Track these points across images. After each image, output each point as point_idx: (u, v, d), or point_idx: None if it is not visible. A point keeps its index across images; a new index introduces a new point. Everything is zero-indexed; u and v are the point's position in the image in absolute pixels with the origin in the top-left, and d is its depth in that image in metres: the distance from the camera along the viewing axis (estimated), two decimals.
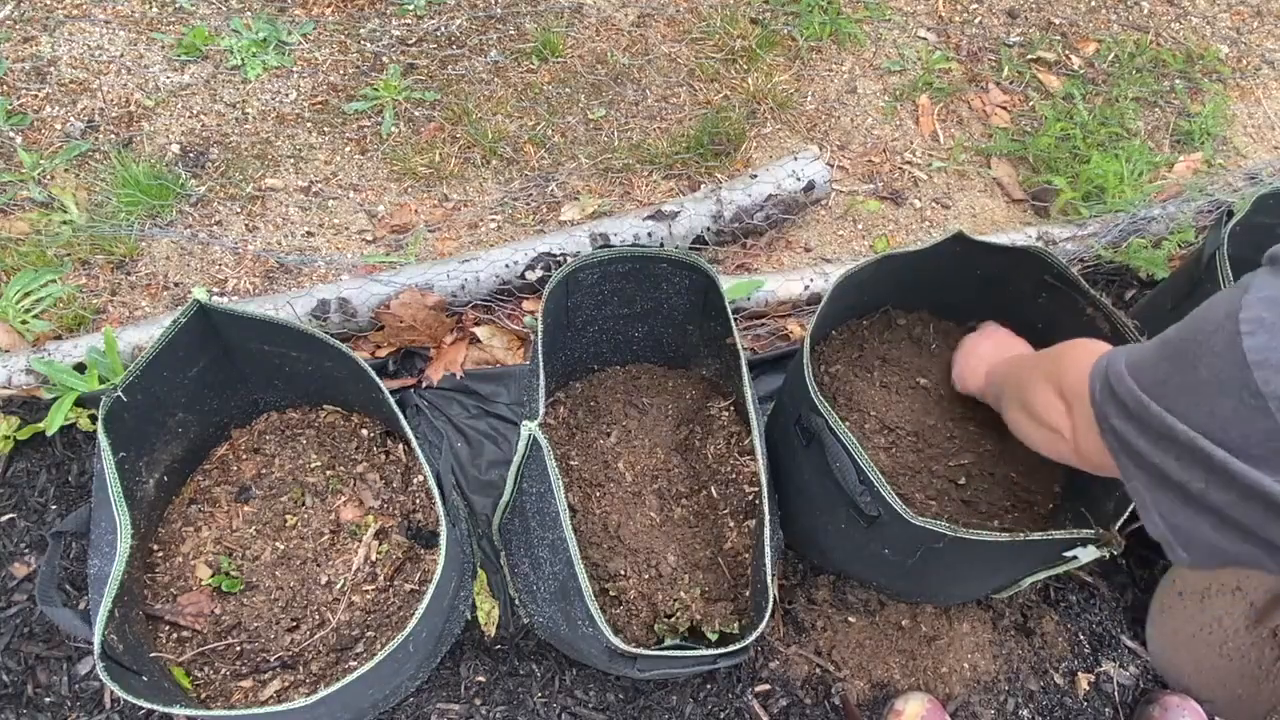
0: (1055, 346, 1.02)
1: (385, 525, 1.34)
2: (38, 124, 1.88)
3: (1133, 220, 1.77)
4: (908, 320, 1.50)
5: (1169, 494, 0.69)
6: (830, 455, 1.11)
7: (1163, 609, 1.40)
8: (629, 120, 2.01)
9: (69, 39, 2.01)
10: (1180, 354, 0.69)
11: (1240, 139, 2.14)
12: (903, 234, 1.89)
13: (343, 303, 1.54)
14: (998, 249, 1.31)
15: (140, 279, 1.68)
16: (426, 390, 1.56)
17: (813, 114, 2.06)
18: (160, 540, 1.31)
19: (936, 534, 1.04)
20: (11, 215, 1.74)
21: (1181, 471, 0.67)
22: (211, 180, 1.83)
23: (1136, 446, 0.71)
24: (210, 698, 1.19)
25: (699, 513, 1.37)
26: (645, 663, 1.06)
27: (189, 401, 1.29)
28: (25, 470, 1.46)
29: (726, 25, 2.17)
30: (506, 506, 1.26)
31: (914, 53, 2.20)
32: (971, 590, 1.37)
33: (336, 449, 1.41)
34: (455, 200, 1.86)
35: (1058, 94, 2.15)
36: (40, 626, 1.33)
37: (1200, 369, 0.65)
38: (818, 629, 1.39)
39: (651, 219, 1.67)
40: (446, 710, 1.30)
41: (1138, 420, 0.71)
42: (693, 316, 1.40)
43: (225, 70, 2.00)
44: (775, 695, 1.34)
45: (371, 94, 1.97)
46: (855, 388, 1.40)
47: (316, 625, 1.25)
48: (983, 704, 1.35)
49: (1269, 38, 2.38)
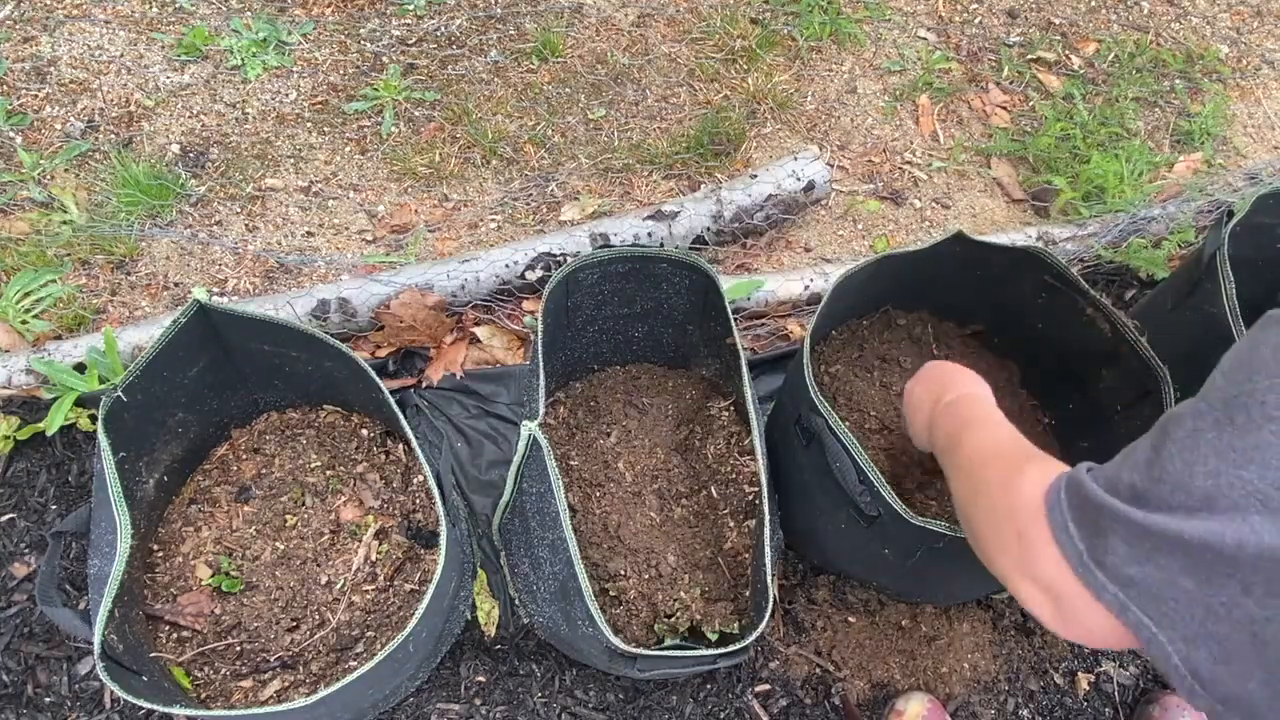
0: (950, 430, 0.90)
1: (385, 525, 1.34)
2: (38, 124, 1.88)
3: (1133, 220, 1.77)
4: (908, 320, 1.50)
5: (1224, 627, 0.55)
6: (830, 455, 1.10)
7: None
8: (629, 120, 2.01)
9: (69, 39, 2.01)
10: (1196, 435, 0.57)
11: (1240, 139, 2.14)
12: (903, 234, 1.89)
13: (343, 303, 1.54)
14: (998, 249, 1.31)
15: (140, 279, 1.68)
16: (426, 390, 1.56)
17: (813, 114, 2.06)
18: (160, 540, 1.31)
19: (936, 534, 1.04)
20: (11, 215, 1.74)
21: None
22: (211, 180, 1.83)
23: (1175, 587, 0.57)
24: (210, 698, 1.19)
25: (699, 513, 1.37)
26: (645, 663, 1.06)
27: (189, 401, 1.29)
28: (25, 470, 1.46)
29: (726, 25, 2.17)
30: (506, 506, 1.26)
31: (914, 53, 2.20)
32: (971, 590, 1.37)
33: (336, 449, 1.41)
34: (455, 200, 1.86)
35: (1058, 94, 2.15)
36: (40, 626, 1.33)
37: (1264, 431, 0.54)
38: (818, 629, 1.39)
39: (651, 219, 1.67)
40: (446, 710, 1.30)
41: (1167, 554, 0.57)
42: (693, 316, 1.40)
43: (225, 70, 2.00)
44: (775, 695, 1.34)
45: (371, 94, 1.97)
46: (855, 388, 1.40)
47: (316, 625, 1.25)
48: (983, 704, 1.35)
49: (1269, 38, 2.38)
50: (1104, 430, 1.33)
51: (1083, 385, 1.36)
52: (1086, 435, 1.37)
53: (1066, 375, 1.39)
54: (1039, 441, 1.42)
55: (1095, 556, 0.61)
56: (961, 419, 0.96)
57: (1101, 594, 0.60)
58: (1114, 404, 1.30)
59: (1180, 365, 1.20)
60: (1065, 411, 1.43)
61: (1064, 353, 1.37)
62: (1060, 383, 1.41)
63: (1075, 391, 1.38)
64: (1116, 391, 1.29)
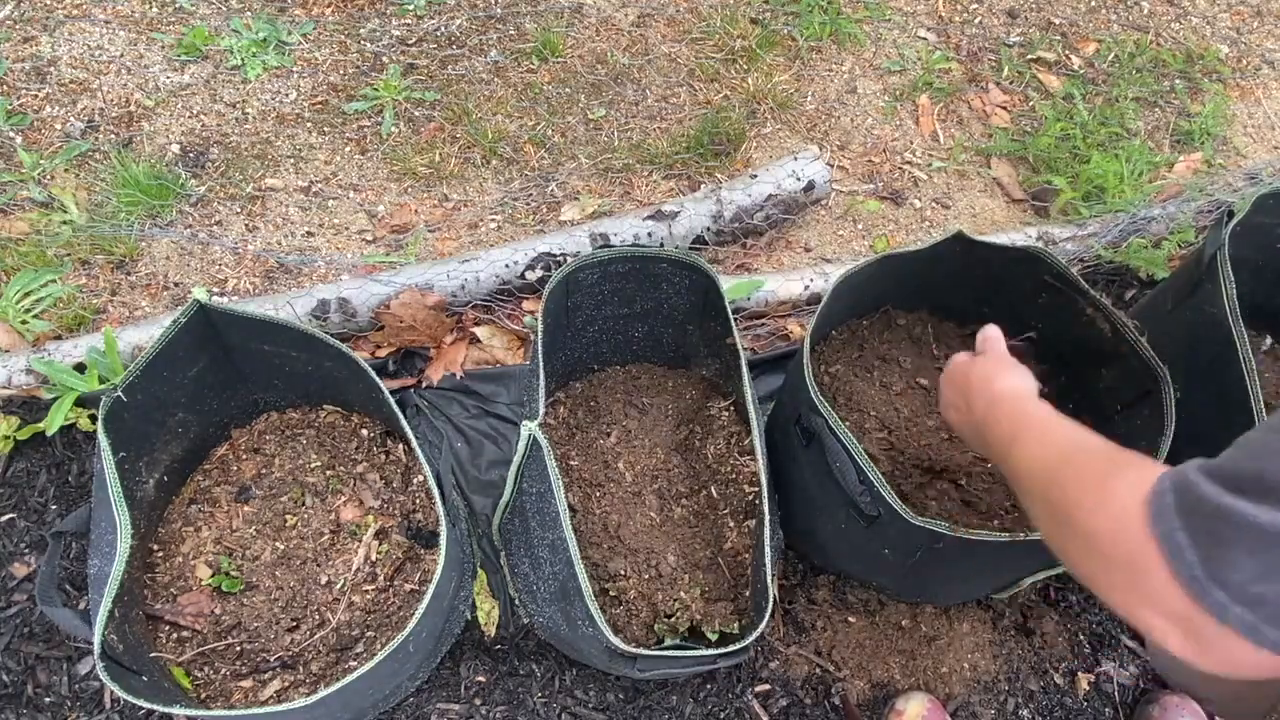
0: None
1: (385, 525, 1.34)
2: (38, 124, 1.88)
3: (1133, 220, 1.77)
4: (908, 320, 1.50)
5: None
6: (830, 455, 1.10)
7: None
8: (629, 120, 2.01)
9: (69, 39, 2.01)
10: None
11: (1240, 139, 2.14)
12: (903, 234, 1.89)
13: (343, 303, 1.54)
14: (998, 249, 1.31)
15: (140, 279, 1.68)
16: (426, 390, 1.56)
17: (813, 114, 2.06)
18: (160, 540, 1.31)
19: (936, 534, 1.04)
20: (11, 215, 1.74)
21: None
22: (211, 180, 1.83)
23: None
24: (210, 698, 1.19)
25: (699, 513, 1.37)
26: (645, 663, 1.06)
27: (189, 401, 1.29)
28: (25, 470, 1.46)
29: (726, 25, 2.17)
30: (506, 506, 1.26)
31: (914, 53, 2.20)
32: (971, 590, 1.37)
33: (336, 449, 1.41)
34: (455, 200, 1.86)
35: (1058, 94, 2.15)
36: (40, 626, 1.33)
37: None
38: (818, 629, 1.39)
39: (651, 219, 1.67)
40: (446, 710, 1.30)
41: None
42: (693, 316, 1.40)
43: (225, 70, 2.00)
44: (775, 695, 1.34)
45: (371, 94, 1.97)
46: (855, 388, 1.40)
47: (316, 625, 1.25)
48: (983, 704, 1.35)
49: (1269, 38, 2.38)
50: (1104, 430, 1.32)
51: (1083, 385, 1.36)
52: None
53: (1066, 375, 1.39)
54: None
55: (1214, 573, 0.52)
56: (1009, 427, 0.84)
57: (1225, 616, 0.52)
58: (1114, 404, 1.30)
59: (1180, 365, 1.20)
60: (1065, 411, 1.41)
61: (1064, 353, 1.37)
62: (1060, 383, 1.41)
63: (1075, 391, 1.38)
64: (1116, 391, 1.29)
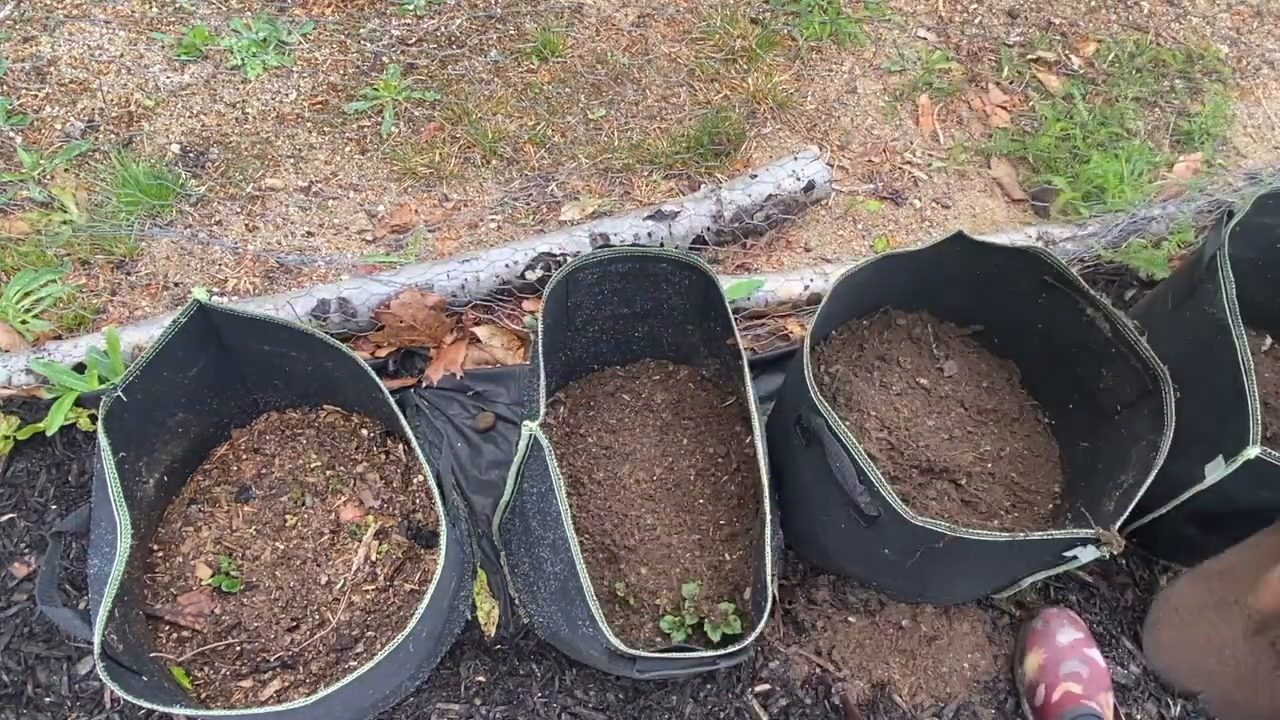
0: None
1: (385, 525, 1.34)
2: (38, 124, 1.88)
3: (1133, 220, 1.77)
4: (908, 320, 1.50)
5: None
6: (830, 455, 1.11)
7: (1158, 620, 1.40)
8: (629, 120, 2.01)
9: (69, 39, 2.01)
10: None
11: (1240, 139, 2.14)
12: (903, 234, 1.89)
13: (343, 303, 1.54)
14: (997, 249, 1.31)
15: (140, 279, 1.68)
16: (426, 390, 1.56)
17: (813, 114, 2.06)
18: (160, 540, 1.31)
19: (936, 534, 1.04)
20: (11, 215, 1.74)
21: None
22: (211, 180, 1.83)
23: None
24: (210, 698, 1.19)
25: (699, 512, 1.37)
26: (645, 663, 1.06)
27: (189, 401, 1.29)
28: (25, 470, 1.46)
29: (726, 25, 2.17)
30: (507, 506, 1.27)
31: (914, 53, 2.20)
32: (971, 590, 1.37)
33: (336, 449, 1.41)
34: (455, 200, 1.86)
35: (1058, 94, 2.15)
36: (40, 626, 1.33)
37: None
38: (818, 629, 1.39)
39: (651, 219, 1.67)
40: (446, 710, 1.30)
41: None
42: (693, 316, 1.40)
43: (225, 70, 2.00)
44: (775, 695, 1.34)
45: (371, 94, 1.97)
46: (855, 388, 1.40)
47: (316, 625, 1.25)
48: (983, 704, 1.35)
49: (1269, 38, 2.38)
50: (1104, 430, 1.33)
51: (1083, 385, 1.36)
52: (1086, 435, 1.37)
53: (1066, 375, 1.39)
54: (1039, 441, 1.43)
55: None
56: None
57: None
58: (1114, 404, 1.30)
59: (1180, 365, 1.20)
60: (1065, 411, 1.43)
61: (1064, 353, 1.37)
62: (1060, 383, 1.41)
63: (1075, 391, 1.38)
64: (1116, 391, 1.29)
